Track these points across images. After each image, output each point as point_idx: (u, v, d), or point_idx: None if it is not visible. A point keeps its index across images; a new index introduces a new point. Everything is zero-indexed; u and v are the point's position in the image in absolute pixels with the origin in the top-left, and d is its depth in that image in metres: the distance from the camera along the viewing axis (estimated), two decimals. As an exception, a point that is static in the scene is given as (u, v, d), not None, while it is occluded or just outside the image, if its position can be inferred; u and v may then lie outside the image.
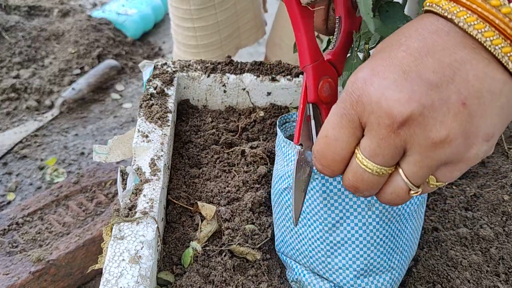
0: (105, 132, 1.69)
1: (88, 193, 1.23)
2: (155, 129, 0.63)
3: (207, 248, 0.55)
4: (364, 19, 0.40)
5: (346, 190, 0.47)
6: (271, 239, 0.58)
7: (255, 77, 0.75)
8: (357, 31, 0.47)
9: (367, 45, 0.49)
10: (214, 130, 0.72)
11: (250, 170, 0.66)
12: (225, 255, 0.55)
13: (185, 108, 0.76)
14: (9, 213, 1.15)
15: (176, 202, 0.60)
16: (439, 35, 0.32)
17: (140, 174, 0.56)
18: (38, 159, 1.55)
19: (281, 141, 0.54)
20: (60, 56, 1.95)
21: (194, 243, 0.55)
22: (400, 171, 0.35)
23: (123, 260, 0.47)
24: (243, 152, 0.69)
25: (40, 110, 1.75)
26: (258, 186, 0.63)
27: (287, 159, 0.52)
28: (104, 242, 0.51)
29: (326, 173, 0.38)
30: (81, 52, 1.95)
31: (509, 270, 0.55)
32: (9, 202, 1.39)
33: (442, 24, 0.33)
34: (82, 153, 1.58)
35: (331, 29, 0.52)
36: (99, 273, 1.11)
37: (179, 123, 0.74)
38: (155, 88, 0.70)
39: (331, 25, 0.52)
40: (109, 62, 1.93)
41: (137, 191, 0.54)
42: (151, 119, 0.64)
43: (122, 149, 0.62)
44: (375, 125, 0.33)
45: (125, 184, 0.57)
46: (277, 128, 0.56)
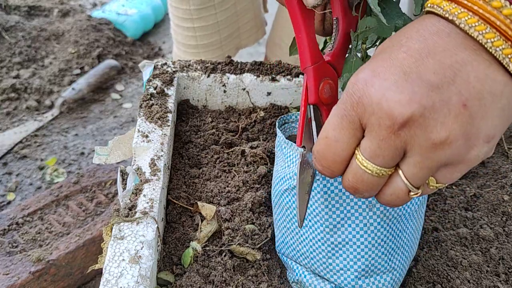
0: (105, 132, 1.69)
1: (88, 193, 1.23)
2: (155, 129, 0.63)
3: (207, 248, 0.55)
4: (375, 13, 0.40)
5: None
6: (271, 239, 0.58)
7: (255, 77, 0.75)
8: (355, 31, 0.47)
9: (364, 45, 0.49)
10: (214, 130, 0.72)
11: (250, 170, 0.66)
12: (225, 255, 0.55)
13: (185, 108, 0.76)
14: (9, 213, 1.15)
15: (176, 202, 0.60)
16: (440, 37, 0.32)
17: (140, 174, 0.56)
18: (38, 159, 1.55)
19: (282, 142, 0.54)
20: (60, 56, 1.95)
21: (194, 243, 0.55)
22: (400, 172, 0.35)
23: (123, 260, 0.47)
24: (243, 152, 0.69)
25: (40, 110, 1.75)
26: (258, 186, 0.63)
27: (288, 161, 0.52)
28: (104, 242, 0.51)
29: (326, 174, 0.38)
30: (81, 52, 1.95)
31: (509, 270, 0.55)
32: (9, 202, 1.39)
33: (443, 26, 0.33)
34: (82, 153, 1.58)
35: (328, 30, 0.52)
36: (99, 273, 1.11)
37: (179, 123, 0.74)
38: (155, 88, 0.70)
39: (328, 26, 0.52)
40: (109, 62, 1.93)
41: (137, 191, 0.54)
42: (151, 119, 0.64)
43: (123, 150, 0.62)
44: (376, 126, 0.33)
45: (125, 184, 0.57)
46: (277, 129, 0.56)
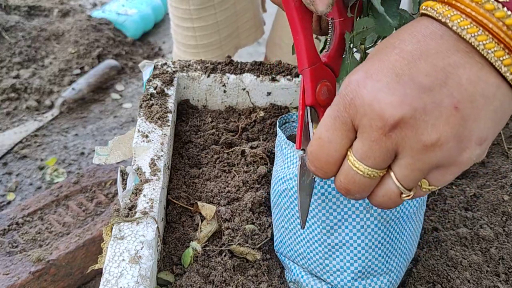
0: (105, 132, 1.69)
1: (88, 193, 1.23)
2: (155, 129, 0.63)
3: (207, 248, 0.55)
4: (380, 13, 0.40)
5: None
6: (271, 239, 0.58)
7: (255, 77, 0.75)
8: (350, 32, 0.47)
9: (363, 45, 0.49)
10: (214, 130, 0.72)
11: (250, 170, 0.66)
12: (225, 255, 0.55)
13: (185, 108, 0.76)
14: (9, 213, 1.15)
15: (176, 202, 0.60)
16: (433, 39, 0.32)
17: (140, 174, 0.56)
18: (38, 159, 1.55)
19: (282, 142, 0.54)
20: (60, 56, 1.95)
21: (194, 243, 0.55)
22: (392, 174, 0.35)
23: (123, 260, 0.47)
24: (243, 152, 0.69)
25: (40, 110, 1.75)
26: (258, 186, 0.63)
27: (288, 161, 0.52)
28: (104, 242, 0.51)
29: (320, 175, 0.38)
30: (81, 52, 1.95)
31: (509, 270, 0.55)
32: (9, 202, 1.39)
33: (436, 28, 0.33)
34: (82, 153, 1.58)
35: (325, 29, 0.52)
36: (99, 273, 1.11)
37: (179, 123, 0.74)
38: (155, 88, 0.70)
39: (325, 26, 0.52)
40: (109, 62, 1.93)
41: (137, 191, 0.54)
42: (151, 119, 0.64)
43: (123, 150, 0.62)
44: (367, 128, 0.33)
45: (125, 184, 0.57)
46: (277, 129, 0.56)
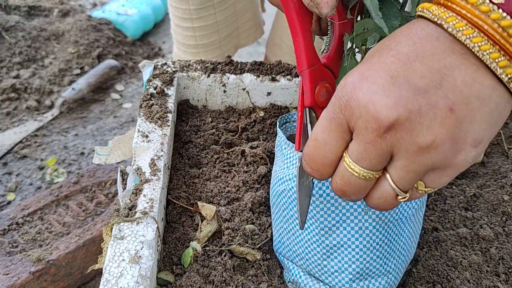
0: (105, 132, 1.69)
1: (88, 193, 1.23)
2: (155, 129, 0.63)
3: (207, 248, 0.55)
4: (376, 21, 0.40)
5: None
6: (271, 239, 0.58)
7: (255, 77, 0.75)
8: (349, 33, 0.47)
9: (364, 46, 0.49)
10: (214, 130, 0.72)
11: (250, 170, 0.66)
12: (225, 255, 0.55)
13: (185, 108, 0.76)
14: (9, 213, 1.15)
15: (176, 202, 0.60)
16: (429, 41, 0.32)
17: (140, 174, 0.56)
18: (38, 159, 1.55)
19: (282, 142, 0.54)
20: (60, 56, 1.95)
21: (194, 243, 0.55)
22: (387, 176, 0.35)
23: (123, 260, 0.47)
24: (243, 152, 0.69)
25: (40, 110, 1.75)
26: (258, 186, 0.63)
27: (288, 162, 0.52)
28: (104, 242, 0.51)
29: (316, 176, 0.38)
30: (81, 52, 1.95)
31: (509, 270, 0.55)
32: (9, 202, 1.38)
33: (432, 30, 0.33)
34: (82, 153, 1.58)
35: (325, 30, 0.52)
36: (99, 273, 1.11)
37: (179, 123, 0.74)
38: (155, 88, 0.70)
39: (324, 26, 0.52)
40: (109, 62, 1.93)
41: (137, 191, 0.54)
42: (151, 119, 0.64)
43: (123, 150, 0.62)
44: (363, 129, 0.33)
45: (125, 184, 0.57)
46: (278, 129, 0.56)
